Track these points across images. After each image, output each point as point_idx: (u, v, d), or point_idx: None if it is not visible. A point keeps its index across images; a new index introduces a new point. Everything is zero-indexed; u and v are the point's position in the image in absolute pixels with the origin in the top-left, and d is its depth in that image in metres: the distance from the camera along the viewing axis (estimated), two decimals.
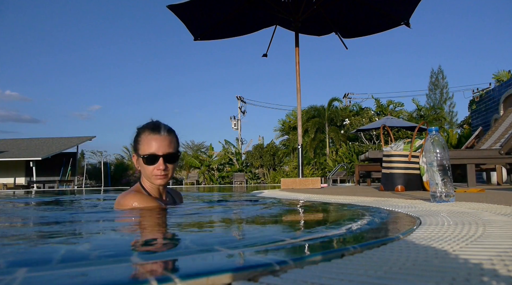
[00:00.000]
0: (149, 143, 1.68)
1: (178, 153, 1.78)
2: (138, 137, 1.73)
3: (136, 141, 1.74)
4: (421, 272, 0.49)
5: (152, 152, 1.67)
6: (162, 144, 1.69)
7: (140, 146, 1.70)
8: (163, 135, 1.71)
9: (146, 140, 1.69)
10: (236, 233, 0.95)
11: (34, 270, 0.53)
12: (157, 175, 1.69)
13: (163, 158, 1.68)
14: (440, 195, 1.72)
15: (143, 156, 1.68)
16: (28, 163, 21.08)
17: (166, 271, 0.49)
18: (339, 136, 21.70)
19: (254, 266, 0.51)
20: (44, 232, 1.14)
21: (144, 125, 1.75)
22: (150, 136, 1.69)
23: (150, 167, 1.68)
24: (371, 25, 6.70)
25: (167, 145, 1.70)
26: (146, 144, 1.69)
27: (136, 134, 1.76)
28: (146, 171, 1.70)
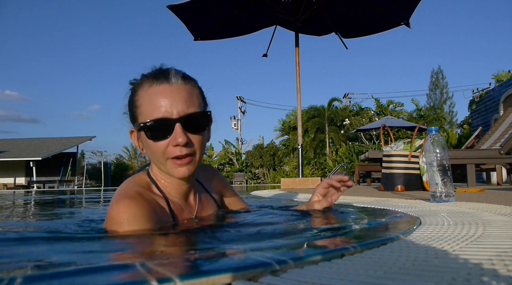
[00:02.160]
0: (154, 100, 0.99)
1: (208, 113, 1.07)
2: (134, 96, 1.05)
3: (132, 105, 1.05)
4: (421, 272, 0.49)
5: (160, 115, 0.98)
6: (176, 99, 0.99)
7: (139, 109, 1.02)
8: (177, 84, 1.02)
9: (147, 97, 1.01)
10: (236, 233, 0.95)
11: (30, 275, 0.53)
12: (175, 158, 1.00)
13: (182, 124, 0.98)
14: (440, 195, 1.72)
15: (145, 125, 0.99)
16: (28, 163, 21.09)
17: (166, 271, 0.49)
18: (339, 136, 21.70)
19: (254, 266, 0.51)
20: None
21: (143, 75, 1.07)
22: (154, 89, 1.00)
23: (159, 143, 0.99)
24: (371, 25, 6.70)
25: (186, 100, 1.00)
26: (148, 103, 1.00)
27: (132, 93, 1.07)
28: (155, 152, 1.01)
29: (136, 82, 1.07)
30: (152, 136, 1.00)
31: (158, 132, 1.00)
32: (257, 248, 0.68)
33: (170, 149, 1.00)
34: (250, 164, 22.70)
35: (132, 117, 1.07)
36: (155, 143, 1.00)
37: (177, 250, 0.71)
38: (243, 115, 28.95)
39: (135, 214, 0.96)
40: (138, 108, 1.03)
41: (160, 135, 0.99)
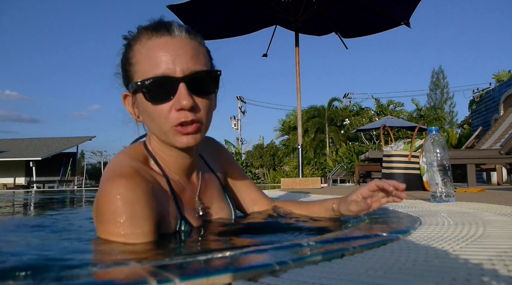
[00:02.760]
0: (153, 55, 0.85)
1: (218, 72, 0.91)
2: (129, 53, 0.89)
3: (126, 63, 0.90)
4: (421, 272, 0.49)
5: (160, 72, 0.84)
6: (180, 54, 0.85)
7: (135, 67, 0.87)
8: (180, 37, 0.87)
9: (145, 51, 0.86)
10: (237, 231, 0.95)
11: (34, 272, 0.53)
12: (179, 125, 0.85)
13: (186, 84, 0.84)
14: (440, 195, 1.72)
15: (143, 84, 0.84)
16: (28, 163, 21.10)
17: (166, 271, 0.49)
18: (339, 136, 21.71)
19: (254, 266, 0.51)
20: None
21: (141, 27, 0.91)
22: (154, 42, 0.86)
23: (160, 107, 0.84)
24: (371, 25, 6.70)
25: (192, 56, 0.86)
26: (146, 59, 0.85)
27: (126, 49, 0.91)
28: (155, 118, 0.86)
29: (132, 36, 0.90)
30: (151, 98, 0.84)
31: (159, 93, 0.84)
32: (257, 248, 0.68)
33: (173, 114, 0.84)
34: (250, 164, 22.70)
35: (125, 78, 0.91)
36: (155, 107, 0.85)
37: (177, 249, 0.71)
38: (243, 115, 28.96)
39: (131, 199, 0.80)
40: (134, 65, 0.87)
41: (162, 97, 0.84)
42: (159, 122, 0.86)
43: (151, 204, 0.82)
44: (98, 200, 0.82)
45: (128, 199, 0.79)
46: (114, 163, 0.90)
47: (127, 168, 0.86)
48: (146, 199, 0.82)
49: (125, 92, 0.93)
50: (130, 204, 0.79)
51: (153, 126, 0.89)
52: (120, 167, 0.86)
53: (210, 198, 1.03)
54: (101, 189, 0.83)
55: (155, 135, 0.92)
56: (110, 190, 0.81)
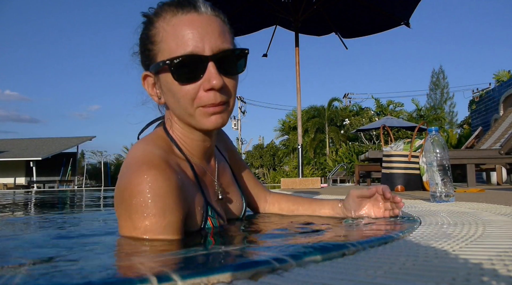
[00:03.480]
0: (180, 32, 0.81)
1: (246, 51, 0.87)
2: (151, 30, 0.85)
3: (148, 41, 0.85)
4: (421, 272, 0.50)
5: (188, 50, 0.80)
6: (208, 31, 0.81)
7: (159, 45, 0.83)
8: (207, 14, 0.84)
9: (171, 29, 0.81)
10: (236, 230, 0.95)
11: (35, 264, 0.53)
12: (207, 105, 0.82)
13: (215, 63, 0.81)
14: (440, 195, 1.72)
15: (172, 63, 0.80)
16: (28, 163, 21.10)
17: (166, 270, 0.49)
18: (339, 137, 21.71)
19: (255, 265, 0.51)
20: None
21: (163, 4, 0.86)
22: (180, 19, 0.82)
23: (188, 87, 0.81)
24: (371, 25, 6.70)
25: (220, 34, 0.83)
26: (171, 37, 0.81)
27: (146, 27, 0.87)
28: (181, 99, 0.82)
29: (153, 13, 0.85)
30: (179, 78, 0.80)
31: (187, 73, 0.80)
32: (258, 247, 0.68)
33: (202, 94, 0.81)
34: (250, 164, 22.71)
35: (146, 58, 0.86)
36: (182, 87, 0.80)
37: (178, 249, 0.71)
38: (243, 115, 28.98)
39: (162, 192, 0.75)
40: (158, 44, 0.83)
41: (190, 76, 0.80)
42: (186, 103, 0.82)
43: (181, 196, 0.79)
44: (125, 191, 0.77)
45: (160, 192, 0.75)
46: (138, 150, 0.83)
47: (154, 157, 0.80)
48: (177, 192, 0.78)
49: (145, 73, 0.88)
50: (161, 197, 0.75)
51: (178, 107, 0.84)
52: (147, 156, 0.80)
53: (226, 183, 1.03)
54: (128, 179, 0.77)
55: (179, 117, 0.87)
56: (139, 180, 0.75)
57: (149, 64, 0.86)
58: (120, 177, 0.80)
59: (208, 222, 0.88)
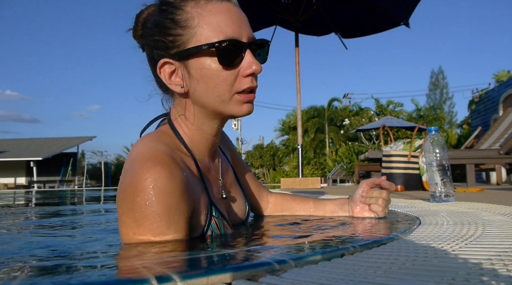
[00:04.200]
0: (219, 18, 0.81)
1: (269, 43, 0.90)
2: (180, 15, 0.82)
3: (175, 25, 0.82)
4: (421, 272, 0.50)
5: (229, 35, 0.80)
6: (243, 21, 0.85)
7: (193, 30, 0.81)
8: (236, 4, 0.86)
9: (207, 14, 0.81)
10: (237, 232, 0.95)
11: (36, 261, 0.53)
12: (243, 92, 0.84)
13: (251, 50, 0.84)
14: (440, 194, 1.72)
15: (220, 45, 0.79)
16: (29, 163, 21.10)
17: (166, 271, 0.49)
18: (339, 137, 21.72)
19: (254, 266, 0.51)
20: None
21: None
22: (216, 6, 0.82)
23: (228, 72, 0.81)
24: (370, 25, 6.70)
25: (248, 24, 0.87)
26: (209, 22, 0.81)
27: (171, 11, 0.83)
28: (219, 85, 0.82)
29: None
30: (224, 61, 0.80)
31: (231, 57, 0.80)
32: (257, 247, 0.68)
33: (240, 79, 0.82)
34: (250, 164, 22.71)
35: (170, 43, 0.82)
36: (224, 72, 0.80)
37: (177, 249, 0.71)
38: None
39: (167, 190, 0.73)
40: (192, 28, 0.80)
41: (233, 61, 0.80)
42: (224, 89, 0.82)
43: (186, 194, 0.77)
44: (128, 188, 0.74)
45: (165, 189, 0.73)
46: (142, 146, 0.80)
47: (160, 152, 0.78)
48: (182, 190, 0.76)
49: (164, 60, 0.84)
50: (165, 195, 0.73)
51: (212, 94, 0.83)
52: (151, 152, 0.78)
53: (229, 183, 1.02)
54: (132, 176, 0.75)
55: (206, 105, 0.85)
56: (143, 177, 0.73)
57: (173, 51, 0.83)
58: (124, 174, 0.78)
59: (212, 223, 0.86)
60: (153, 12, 0.87)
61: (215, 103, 0.84)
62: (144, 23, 0.89)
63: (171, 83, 0.85)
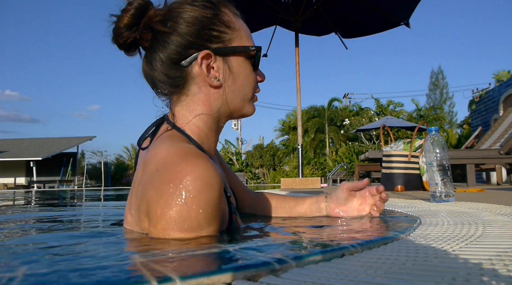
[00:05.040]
0: (245, 28, 0.93)
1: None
2: (223, 16, 0.88)
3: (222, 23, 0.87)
4: (421, 272, 0.50)
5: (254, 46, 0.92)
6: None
7: (236, 33, 0.89)
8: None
9: (237, 23, 0.91)
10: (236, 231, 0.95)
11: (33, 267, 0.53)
12: (256, 92, 0.96)
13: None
14: (440, 195, 1.72)
15: (258, 50, 0.91)
16: (29, 163, 21.11)
17: (166, 271, 0.49)
18: (339, 137, 21.72)
19: (254, 266, 0.51)
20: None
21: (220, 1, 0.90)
22: (238, 19, 0.92)
23: (254, 75, 0.93)
24: (371, 25, 6.71)
25: None
26: (241, 30, 0.91)
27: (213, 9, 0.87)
28: (246, 85, 0.91)
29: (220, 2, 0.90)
30: (255, 65, 0.92)
31: (257, 63, 0.92)
32: (258, 247, 0.68)
33: (256, 84, 0.95)
34: (250, 164, 22.71)
35: (215, 38, 0.86)
36: (253, 74, 0.92)
37: (177, 249, 0.71)
38: None
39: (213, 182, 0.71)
40: (236, 31, 0.89)
41: (257, 67, 0.93)
42: (249, 89, 0.92)
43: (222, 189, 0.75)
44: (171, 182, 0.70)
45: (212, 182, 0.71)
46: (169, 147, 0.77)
47: (191, 148, 0.76)
48: (222, 183, 0.74)
49: (207, 52, 0.85)
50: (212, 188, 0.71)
51: (241, 91, 0.91)
52: (185, 148, 0.76)
53: (230, 178, 1.07)
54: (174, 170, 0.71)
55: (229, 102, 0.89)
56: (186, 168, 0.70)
57: (215, 45, 0.86)
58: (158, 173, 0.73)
59: (233, 219, 0.85)
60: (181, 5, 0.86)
61: (241, 101, 0.92)
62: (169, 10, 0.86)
63: (209, 75, 0.86)
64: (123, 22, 0.85)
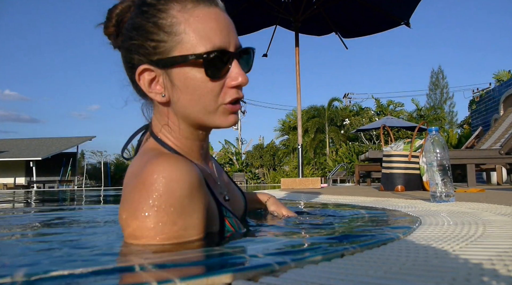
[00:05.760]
0: (207, 25, 0.76)
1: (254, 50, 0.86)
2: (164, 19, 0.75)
3: (159, 30, 0.76)
4: (421, 272, 0.49)
5: (218, 44, 0.76)
6: (230, 29, 0.80)
7: (178, 37, 0.75)
8: (223, 10, 0.82)
9: (194, 20, 0.76)
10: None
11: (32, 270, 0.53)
12: (231, 101, 0.79)
13: (237, 59, 0.79)
14: (440, 195, 1.72)
15: (208, 56, 0.74)
16: (28, 163, 21.12)
17: (166, 271, 0.49)
18: (339, 136, 21.72)
19: (254, 266, 0.51)
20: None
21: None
22: (204, 11, 0.77)
23: (214, 83, 0.77)
24: (371, 25, 6.70)
25: (235, 31, 0.81)
26: (196, 29, 0.75)
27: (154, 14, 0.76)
28: (204, 96, 0.77)
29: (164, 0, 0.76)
30: (211, 73, 0.75)
31: (217, 68, 0.75)
32: (257, 247, 0.68)
33: (227, 90, 0.78)
34: (250, 164, 22.71)
35: (152, 49, 0.76)
36: (208, 83, 0.76)
37: (178, 248, 0.71)
38: (243, 115, 28.97)
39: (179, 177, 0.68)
40: (177, 35, 0.75)
41: (219, 72, 0.76)
42: (209, 100, 0.77)
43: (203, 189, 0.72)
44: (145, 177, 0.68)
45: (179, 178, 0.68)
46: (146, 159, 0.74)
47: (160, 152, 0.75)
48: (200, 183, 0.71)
49: (144, 66, 0.77)
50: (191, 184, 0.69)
51: (196, 105, 0.78)
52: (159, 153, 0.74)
53: (226, 183, 0.99)
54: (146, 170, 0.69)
55: (190, 116, 0.80)
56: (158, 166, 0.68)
57: (155, 57, 0.77)
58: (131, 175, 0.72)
59: (225, 223, 0.82)
60: (128, 10, 0.81)
61: (199, 114, 0.79)
62: (118, 21, 0.82)
63: (151, 91, 0.79)
64: (104, 30, 0.85)
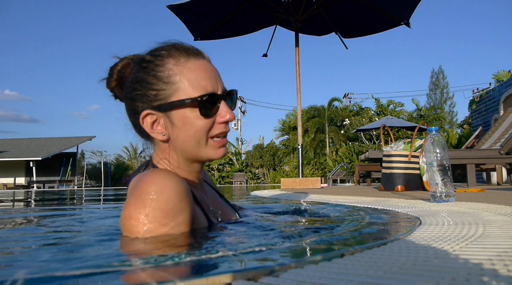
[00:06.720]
0: (198, 75, 0.92)
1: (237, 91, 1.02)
2: (163, 72, 0.92)
3: (159, 81, 0.92)
4: (421, 272, 0.49)
5: (209, 90, 0.92)
6: (217, 75, 0.97)
7: (175, 86, 0.91)
8: (209, 61, 0.99)
9: (187, 71, 0.92)
10: (235, 232, 0.95)
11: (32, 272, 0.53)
12: (217, 137, 0.95)
13: (225, 100, 0.96)
14: (440, 195, 1.72)
15: (201, 100, 0.90)
16: (28, 163, 21.12)
17: (166, 272, 0.49)
18: (339, 136, 21.72)
19: (254, 266, 0.51)
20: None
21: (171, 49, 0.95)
22: (195, 63, 0.93)
23: (206, 121, 0.92)
24: (371, 25, 6.70)
25: (220, 77, 0.99)
26: (189, 79, 0.92)
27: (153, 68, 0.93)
28: (197, 132, 0.92)
29: (161, 55, 0.94)
30: (205, 112, 0.91)
31: (209, 109, 0.92)
32: (257, 248, 0.68)
33: (216, 126, 0.94)
34: (250, 164, 22.71)
35: (154, 97, 0.92)
36: (202, 120, 0.92)
37: (177, 249, 0.71)
38: (243, 115, 28.99)
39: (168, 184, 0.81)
40: (174, 84, 0.91)
41: (210, 112, 0.92)
42: (201, 135, 0.93)
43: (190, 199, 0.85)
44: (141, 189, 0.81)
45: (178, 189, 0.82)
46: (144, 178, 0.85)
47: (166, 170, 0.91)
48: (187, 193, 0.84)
49: (147, 111, 0.93)
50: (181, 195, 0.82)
51: (191, 140, 0.93)
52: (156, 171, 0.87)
53: (219, 206, 1.11)
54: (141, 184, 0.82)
55: (186, 150, 0.95)
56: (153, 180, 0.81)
57: (156, 103, 0.92)
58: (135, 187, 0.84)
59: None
60: (128, 66, 0.98)
61: (194, 148, 0.94)
62: (120, 76, 0.98)
63: (154, 131, 0.94)
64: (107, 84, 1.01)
